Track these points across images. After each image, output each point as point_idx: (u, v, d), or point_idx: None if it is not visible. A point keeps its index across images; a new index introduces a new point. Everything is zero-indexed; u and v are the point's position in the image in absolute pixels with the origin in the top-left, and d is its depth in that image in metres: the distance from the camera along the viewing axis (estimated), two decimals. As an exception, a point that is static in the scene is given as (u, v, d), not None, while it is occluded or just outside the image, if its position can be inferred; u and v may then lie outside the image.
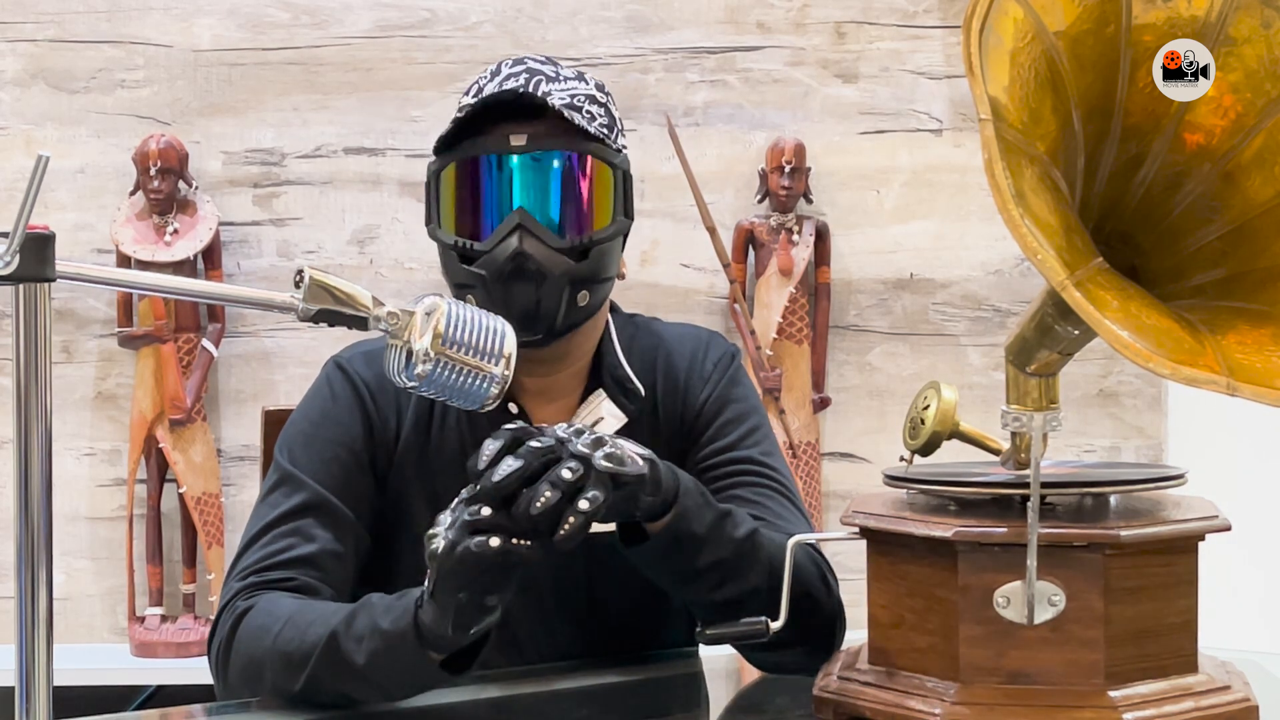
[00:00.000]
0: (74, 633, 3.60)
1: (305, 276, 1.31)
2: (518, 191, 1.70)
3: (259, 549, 1.69)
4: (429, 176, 1.75)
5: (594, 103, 1.76)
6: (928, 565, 1.37)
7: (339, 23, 3.65)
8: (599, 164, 1.72)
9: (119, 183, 3.60)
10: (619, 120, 1.81)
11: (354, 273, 3.60)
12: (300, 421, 1.78)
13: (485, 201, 1.71)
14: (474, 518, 1.39)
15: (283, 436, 1.78)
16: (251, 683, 1.61)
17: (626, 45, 3.64)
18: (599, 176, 1.73)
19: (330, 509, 1.70)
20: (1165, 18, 1.35)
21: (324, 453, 1.73)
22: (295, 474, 1.72)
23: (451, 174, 1.73)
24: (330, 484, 1.71)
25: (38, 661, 1.14)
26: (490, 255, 1.68)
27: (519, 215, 1.68)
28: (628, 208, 1.76)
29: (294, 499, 1.70)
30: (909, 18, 3.66)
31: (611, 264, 1.76)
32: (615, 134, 1.78)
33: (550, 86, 1.73)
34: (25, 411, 1.14)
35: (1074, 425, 3.59)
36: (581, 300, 1.72)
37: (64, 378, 3.59)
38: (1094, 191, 1.39)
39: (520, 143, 1.69)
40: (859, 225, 3.66)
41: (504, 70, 1.76)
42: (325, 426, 1.75)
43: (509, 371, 1.37)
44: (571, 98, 1.74)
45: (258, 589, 1.66)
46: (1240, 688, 1.39)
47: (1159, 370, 1.21)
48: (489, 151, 1.70)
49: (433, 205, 1.74)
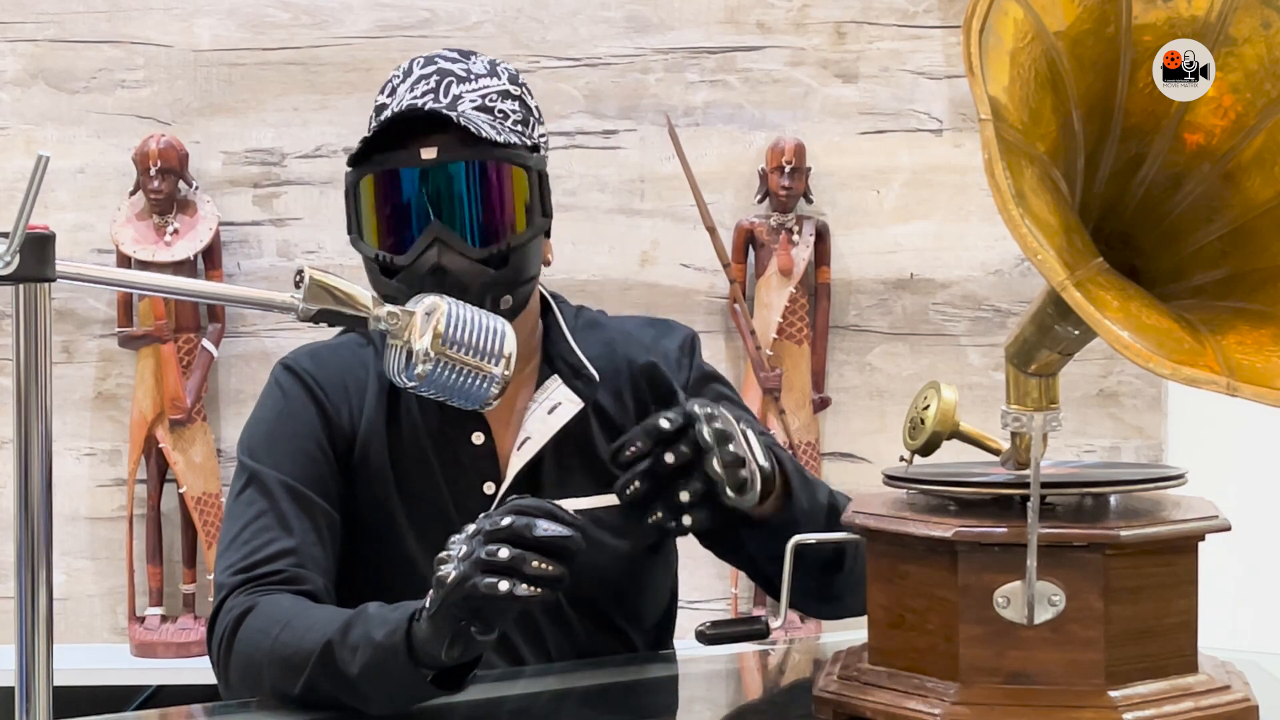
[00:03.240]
0: (74, 633, 3.60)
1: (305, 276, 1.31)
2: (432, 205, 1.71)
3: (242, 545, 1.71)
4: (346, 187, 1.76)
5: (507, 98, 1.76)
6: (928, 565, 1.37)
7: (339, 23, 3.65)
8: (511, 169, 1.73)
9: (119, 183, 3.60)
10: (535, 109, 1.80)
11: (354, 273, 3.57)
12: (257, 423, 1.80)
13: (401, 215, 1.72)
14: (490, 558, 1.40)
15: (242, 441, 1.80)
16: (251, 684, 1.63)
17: (626, 45, 3.64)
18: (512, 182, 1.73)
19: (301, 497, 1.72)
20: (1165, 18, 1.35)
21: (286, 446, 1.75)
22: (261, 470, 1.74)
23: (368, 186, 1.74)
24: (297, 474, 1.73)
25: (38, 661, 1.14)
26: (410, 269, 1.70)
27: (436, 229, 1.69)
28: (545, 206, 1.77)
29: (266, 494, 1.72)
30: (909, 18, 3.66)
31: (532, 264, 1.76)
32: (531, 127, 1.78)
33: (461, 89, 1.74)
34: (25, 411, 1.14)
35: (1074, 425, 3.59)
36: (505, 305, 1.72)
37: (64, 378, 3.59)
38: (1094, 191, 1.39)
39: (431, 155, 1.70)
40: (859, 225, 3.66)
41: (415, 71, 1.77)
42: (282, 423, 1.77)
43: (509, 371, 1.38)
44: (483, 98, 1.74)
45: (252, 585, 1.67)
46: (1240, 688, 1.39)
47: (1159, 370, 1.21)
48: (401, 165, 1.71)
49: (352, 216, 1.76)
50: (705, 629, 1.57)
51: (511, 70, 1.81)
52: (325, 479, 1.75)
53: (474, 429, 1.76)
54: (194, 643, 3.48)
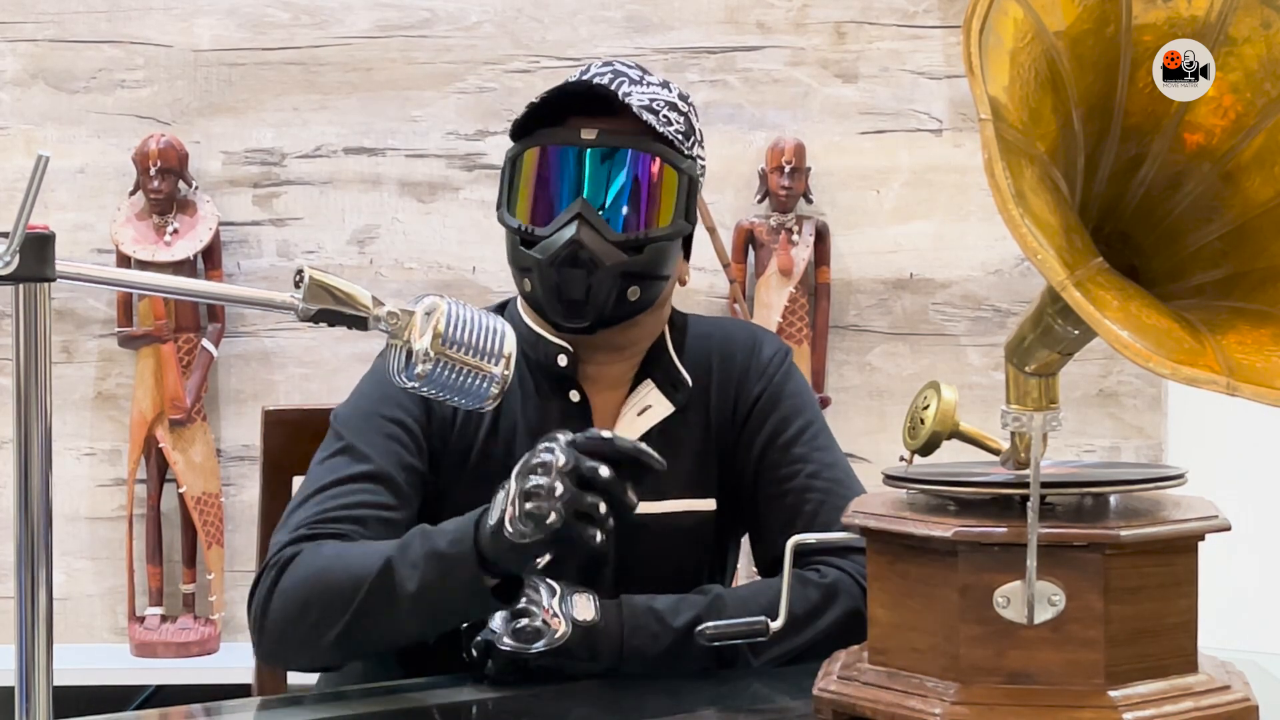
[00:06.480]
0: (74, 633, 3.60)
1: (305, 276, 1.31)
2: (581, 183, 1.74)
3: (314, 505, 1.71)
4: (505, 162, 1.80)
5: (673, 109, 1.79)
6: (928, 565, 1.37)
7: (339, 23, 3.65)
8: (665, 165, 1.76)
9: (119, 183, 3.60)
10: (698, 131, 1.84)
11: (354, 273, 3.60)
12: (360, 400, 1.80)
13: (550, 190, 1.76)
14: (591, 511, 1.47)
15: (340, 414, 1.80)
16: (292, 624, 1.63)
17: (626, 45, 3.64)
18: (663, 177, 1.77)
19: (387, 479, 1.73)
20: (1165, 18, 1.35)
21: (383, 430, 1.76)
22: (355, 445, 1.74)
23: (523, 161, 1.77)
24: (388, 460, 1.74)
25: (38, 661, 1.14)
26: (548, 241, 1.73)
27: (579, 205, 1.73)
28: (689, 213, 1.80)
29: (354, 467, 1.73)
30: (909, 18, 3.66)
31: (667, 263, 1.79)
32: (691, 143, 1.81)
33: (632, 88, 1.77)
34: (25, 411, 1.14)
35: (1074, 425, 3.59)
36: (631, 295, 1.75)
37: (64, 378, 3.59)
38: (1094, 191, 1.39)
39: (590, 136, 1.75)
40: (859, 225, 3.66)
41: (592, 69, 1.81)
42: (386, 406, 1.77)
43: (509, 371, 1.38)
44: (651, 100, 1.77)
45: (305, 541, 1.67)
46: (1240, 688, 1.39)
47: (1159, 370, 1.21)
48: (559, 142, 1.75)
49: (504, 190, 1.79)
50: (706, 629, 1.57)
51: (683, 90, 1.85)
52: (411, 472, 1.75)
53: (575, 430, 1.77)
54: (194, 643, 3.48)
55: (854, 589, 1.70)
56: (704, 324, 1.91)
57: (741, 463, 1.83)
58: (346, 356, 3.62)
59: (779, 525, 1.78)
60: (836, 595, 1.70)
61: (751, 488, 1.83)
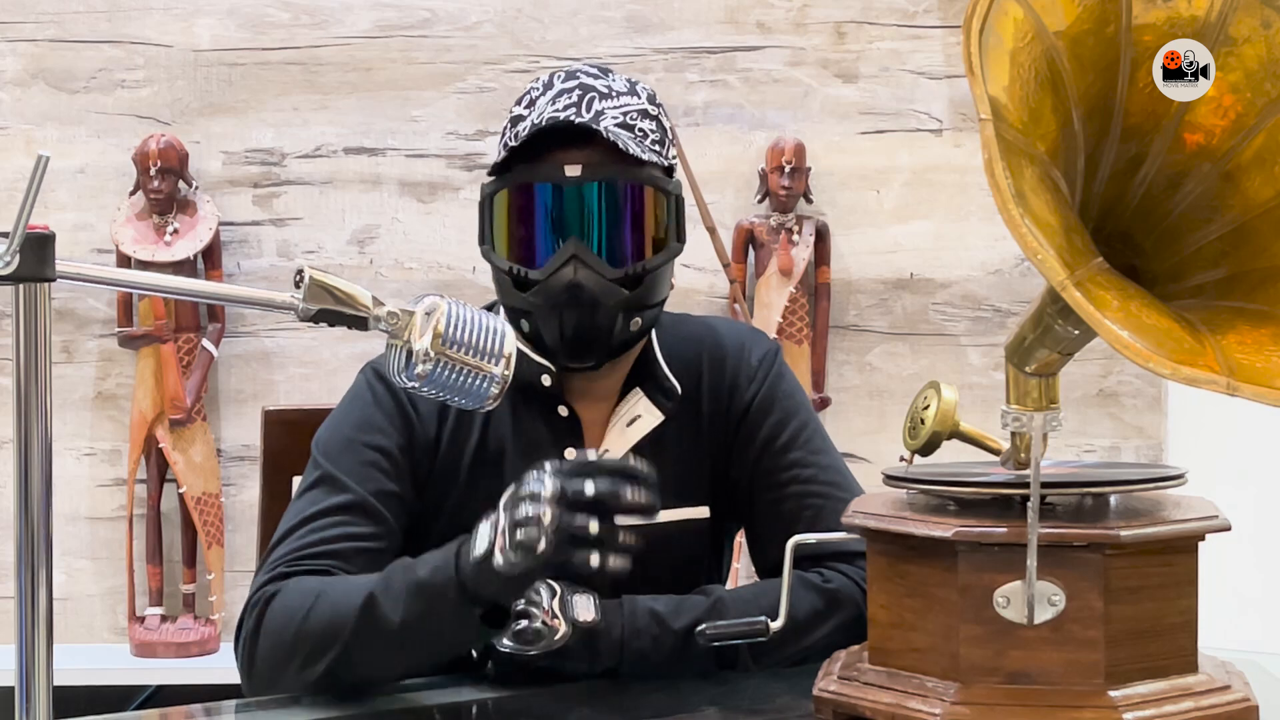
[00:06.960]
0: (74, 633, 3.60)
1: (305, 276, 1.31)
2: (572, 221, 1.70)
3: (295, 540, 1.69)
4: (483, 198, 1.75)
5: (645, 117, 1.75)
6: (928, 565, 1.37)
7: (339, 23, 3.65)
8: (653, 192, 1.73)
9: (119, 183, 3.60)
10: (669, 129, 1.80)
11: (354, 273, 3.60)
12: (340, 425, 1.77)
13: (539, 229, 1.72)
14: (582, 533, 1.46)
15: (320, 439, 1.77)
16: (279, 666, 1.62)
17: (626, 45, 3.64)
18: (653, 205, 1.73)
19: (369, 510, 1.71)
20: (1165, 18, 1.35)
21: (363, 456, 1.73)
22: (335, 475, 1.72)
23: (505, 199, 1.73)
24: (369, 488, 1.72)
25: (38, 661, 1.14)
26: (545, 284, 1.70)
27: (574, 245, 1.69)
28: (679, 231, 1.77)
29: (333, 498, 1.70)
30: (909, 18, 3.66)
31: (663, 287, 1.77)
32: (666, 148, 1.78)
33: (603, 105, 1.73)
34: (25, 411, 1.14)
35: (1074, 425, 3.59)
36: (634, 326, 1.73)
37: (64, 378, 3.59)
38: (1094, 191, 1.39)
39: (575, 173, 1.70)
40: (859, 225, 3.66)
41: (556, 84, 1.75)
42: (366, 432, 1.75)
43: (509, 371, 1.37)
44: (624, 115, 1.73)
45: (284, 580, 1.66)
46: (1240, 688, 1.39)
47: (1159, 370, 1.21)
48: (544, 180, 1.71)
49: (486, 227, 1.75)
50: (705, 629, 1.57)
51: (649, 90, 1.80)
52: (395, 498, 1.73)
53: (566, 445, 1.77)
54: (194, 643, 3.48)
55: (857, 595, 1.69)
56: (689, 324, 1.88)
57: (736, 468, 1.82)
58: (346, 356, 3.62)
59: (778, 531, 1.77)
60: (840, 602, 1.70)
61: (748, 493, 1.82)
